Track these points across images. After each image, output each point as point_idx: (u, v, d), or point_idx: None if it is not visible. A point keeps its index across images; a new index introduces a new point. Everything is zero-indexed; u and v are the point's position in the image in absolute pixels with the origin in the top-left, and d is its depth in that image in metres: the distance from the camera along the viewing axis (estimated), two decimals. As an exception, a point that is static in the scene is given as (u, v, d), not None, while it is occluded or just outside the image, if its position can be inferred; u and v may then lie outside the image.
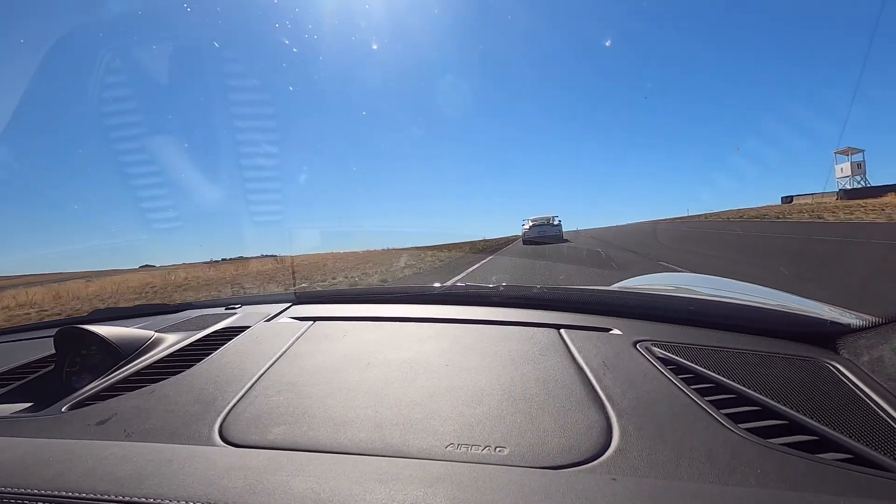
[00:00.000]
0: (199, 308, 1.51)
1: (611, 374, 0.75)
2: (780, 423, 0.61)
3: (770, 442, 0.57)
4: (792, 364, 0.77)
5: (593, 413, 0.64)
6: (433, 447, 0.59)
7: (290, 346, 0.98)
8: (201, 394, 0.79)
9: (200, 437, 0.65)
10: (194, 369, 0.90)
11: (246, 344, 1.03)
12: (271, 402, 0.74)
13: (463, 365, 0.82)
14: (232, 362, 0.92)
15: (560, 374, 0.76)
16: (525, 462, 0.55)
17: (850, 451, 0.55)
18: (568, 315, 1.06)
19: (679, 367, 0.76)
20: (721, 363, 0.77)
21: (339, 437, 0.62)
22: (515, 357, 0.84)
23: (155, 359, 0.98)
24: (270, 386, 0.80)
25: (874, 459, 0.53)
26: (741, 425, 0.60)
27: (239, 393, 0.78)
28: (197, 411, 0.73)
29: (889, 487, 0.49)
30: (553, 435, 0.60)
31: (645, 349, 0.84)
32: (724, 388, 0.69)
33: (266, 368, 0.87)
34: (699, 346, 0.84)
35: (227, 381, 0.83)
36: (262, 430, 0.66)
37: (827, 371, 0.74)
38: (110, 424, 0.70)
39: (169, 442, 0.64)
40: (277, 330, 1.13)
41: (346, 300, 1.41)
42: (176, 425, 0.69)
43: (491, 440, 0.59)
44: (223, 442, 0.64)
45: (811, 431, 0.59)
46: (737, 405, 0.65)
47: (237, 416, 0.70)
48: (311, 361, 0.89)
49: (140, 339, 1.06)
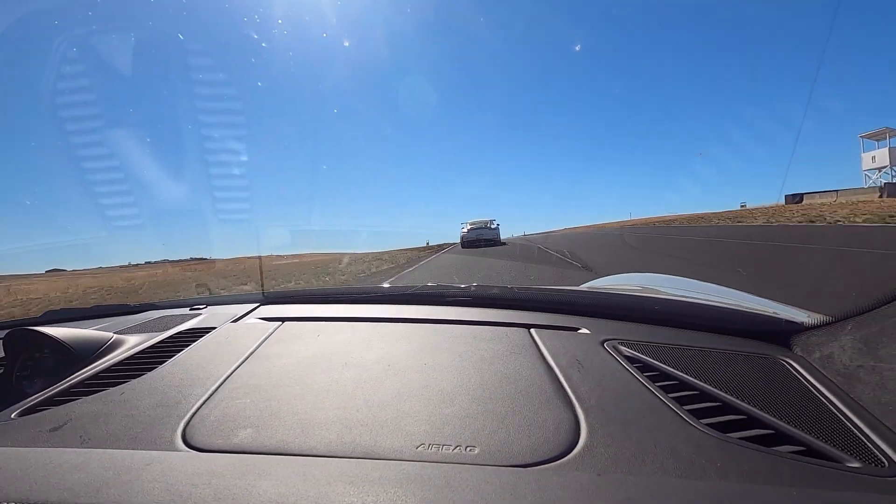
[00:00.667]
0: (162, 309, 1.46)
1: (579, 373, 0.76)
2: (739, 417, 0.64)
3: (729, 436, 0.59)
4: (750, 361, 0.80)
5: (562, 411, 0.65)
6: (404, 448, 0.58)
7: (257, 348, 0.96)
8: (164, 397, 0.76)
9: (163, 441, 0.63)
10: (156, 372, 0.87)
11: (211, 345, 1.00)
12: (238, 404, 0.72)
13: (434, 365, 0.82)
14: (196, 364, 0.89)
15: (530, 373, 0.77)
16: (495, 461, 0.55)
17: (803, 444, 0.58)
18: (538, 315, 1.08)
19: (645, 365, 0.79)
20: (684, 361, 0.79)
21: (307, 439, 0.61)
22: (486, 356, 0.85)
23: (114, 361, 0.94)
24: (237, 388, 0.77)
25: (825, 451, 0.56)
26: (703, 421, 0.62)
27: (204, 396, 0.75)
28: (159, 415, 0.70)
29: (838, 478, 0.52)
30: (523, 433, 0.60)
31: (612, 348, 0.86)
32: (687, 385, 0.72)
33: (232, 370, 0.85)
34: (664, 345, 0.87)
35: (191, 383, 0.80)
36: (228, 434, 0.64)
37: (782, 367, 0.78)
38: (65, 430, 0.67)
39: (129, 448, 0.61)
40: (245, 331, 1.10)
41: (316, 300, 1.38)
42: (136, 430, 0.66)
43: (461, 440, 0.59)
44: (187, 447, 0.62)
45: (767, 425, 0.62)
46: (699, 401, 0.67)
47: (202, 420, 0.68)
48: (280, 363, 0.87)
49: (98, 341, 1.01)
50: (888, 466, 0.53)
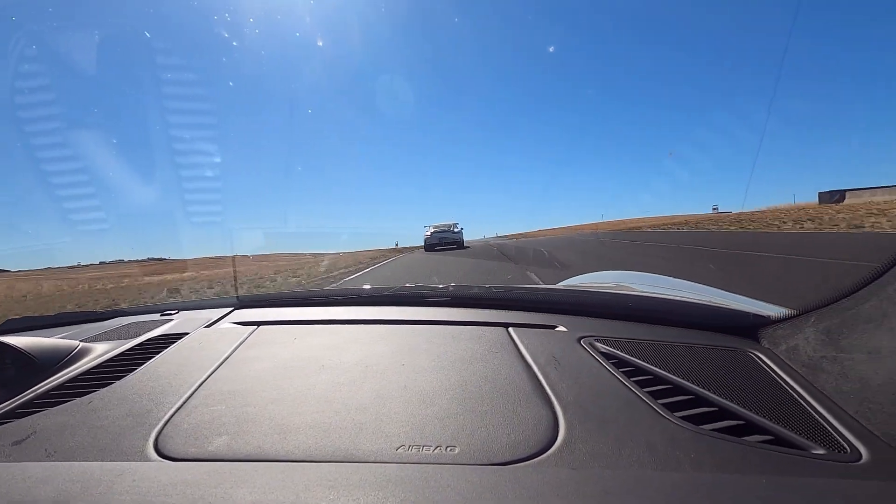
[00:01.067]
0: (131, 315, 1.41)
1: (557, 370, 0.77)
2: (710, 409, 0.66)
3: (702, 428, 0.61)
4: (720, 354, 0.83)
5: (540, 409, 0.66)
6: (383, 450, 0.58)
7: (232, 353, 0.94)
8: (134, 406, 0.73)
9: (134, 452, 0.61)
10: (126, 380, 0.84)
11: (184, 351, 0.98)
12: (212, 411, 0.70)
13: (413, 366, 0.82)
14: (168, 372, 0.86)
15: (508, 371, 0.78)
16: (475, 460, 0.55)
17: (772, 433, 0.60)
18: (516, 314, 1.09)
19: (620, 361, 0.80)
20: (658, 356, 0.81)
21: (285, 445, 0.60)
22: (465, 356, 0.85)
23: (80, 371, 0.91)
24: (211, 395, 0.76)
25: (792, 440, 0.59)
26: (676, 414, 0.64)
27: (177, 403, 0.73)
28: (129, 425, 0.68)
29: (804, 464, 0.54)
30: (502, 432, 0.61)
31: (588, 345, 0.87)
32: (661, 379, 0.74)
33: (206, 377, 0.82)
34: (638, 340, 0.89)
35: (162, 391, 0.78)
36: (202, 442, 0.62)
37: (750, 360, 0.80)
38: (28, 443, 0.64)
39: (98, 460, 0.59)
40: (218, 336, 1.07)
41: (293, 303, 1.36)
42: (105, 441, 0.64)
43: (441, 440, 0.59)
44: (159, 456, 0.60)
45: (738, 416, 0.64)
46: (672, 395, 0.69)
47: (174, 429, 0.66)
48: (256, 367, 0.85)
49: (63, 350, 0.97)
50: (850, 452, 0.56)
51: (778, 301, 0.99)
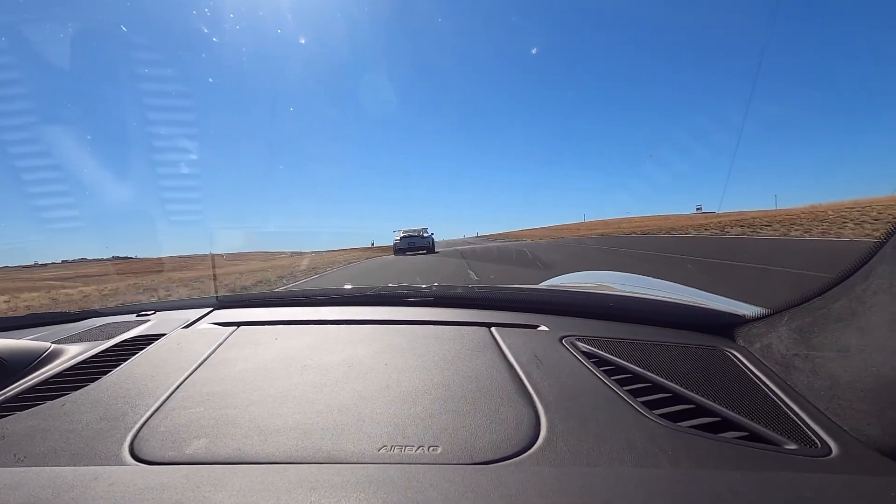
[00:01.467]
0: (105, 316, 1.37)
1: (539, 370, 0.78)
2: (688, 407, 0.67)
3: (680, 425, 0.62)
4: (697, 353, 0.85)
5: (522, 408, 0.66)
6: (366, 450, 0.58)
7: (211, 354, 0.92)
8: (109, 409, 0.71)
9: (108, 456, 0.59)
10: (100, 382, 0.82)
11: (161, 353, 0.95)
12: (191, 413, 0.69)
13: (396, 366, 0.81)
14: (145, 373, 0.84)
15: (491, 371, 0.78)
16: (457, 459, 0.55)
17: (746, 430, 0.62)
18: (498, 313, 1.10)
19: (601, 360, 0.82)
20: (637, 354, 0.83)
21: (266, 447, 0.59)
22: (448, 356, 0.85)
23: (52, 373, 0.88)
24: (190, 397, 0.74)
25: (766, 436, 0.60)
26: (655, 411, 0.65)
27: (153, 406, 0.71)
28: (104, 428, 0.66)
29: (777, 459, 0.56)
30: (484, 431, 0.61)
31: (570, 344, 0.88)
32: (641, 377, 0.75)
33: (185, 378, 0.81)
34: (618, 340, 0.90)
35: (139, 393, 0.76)
36: (181, 445, 0.61)
37: (727, 358, 0.82)
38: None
39: (70, 464, 0.57)
40: (197, 337, 1.05)
41: (273, 303, 1.34)
42: (79, 445, 0.62)
43: (424, 440, 0.59)
44: (135, 460, 0.58)
45: (714, 413, 0.65)
46: (651, 393, 0.71)
47: (151, 431, 0.64)
48: (235, 369, 0.84)
49: (33, 352, 0.94)
50: (820, 447, 0.58)
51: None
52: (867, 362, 0.57)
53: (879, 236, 0.61)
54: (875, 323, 0.58)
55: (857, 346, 0.60)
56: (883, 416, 0.55)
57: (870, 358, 0.57)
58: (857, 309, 0.62)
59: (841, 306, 0.65)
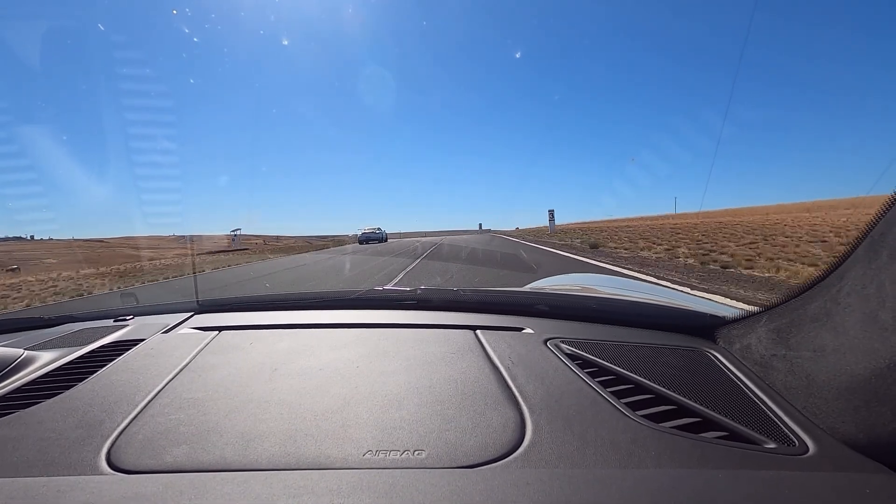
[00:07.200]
0: (81, 321, 1.33)
1: (524, 372, 0.78)
2: (670, 408, 0.68)
3: (662, 426, 0.63)
4: (680, 354, 0.86)
5: (508, 410, 0.66)
6: (350, 456, 0.57)
7: (192, 359, 0.90)
8: (85, 417, 0.69)
9: (84, 465, 0.58)
10: (75, 390, 0.79)
11: (140, 359, 0.93)
12: (170, 420, 0.67)
13: (380, 370, 0.81)
14: (122, 380, 0.82)
15: (476, 374, 0.78)
16: (443, 463, 0.55)
17: (727, 429, 0.63)
18: (483, 316, 1.10)
19: (585, 362, 0.82)
20: (621, 356, 0.84)
21: (248, 454, 0.58)
22: (433, 359, 0.85)
23: (25, 381, 0.85)
24: (169, 403, 0.72)
25: (746, 435, 0.62)
26: (638, 412, 0.66)
27: (132, 413, 0.70)
28: (79, 437, 0.64)
29: (757, 458, 0.57)
30: (470, 434, 0.61)
31: (554, 346, 0.89)
32: (624, 379, 0.76)
33: (164, 384, 0.79)
34: (602, 342, 0.91)
35: (116, 400, 0.74)
36: (160, 453, 0.59)
37: (707, 359, 0.84)
38: None
39: (44, 475, 0.56)
40: (177, 342, 1.03)
41: (256, 307, 1.32)
42: (53, 454, 0.60)
43: (409, 444, 0.59)
44: (112, 469, 0.57)
45: (696, 414, 0.66)
46: (635, 394, 0.71)
47: (129, 439, 0.63)
48: (217, 374, 0.82)
49: (4, 360, 0.90)
50: (798, 446, 0.59)
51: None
52: (841, 362, 0.59)
53: (853, 239, 0.63)
54: (849, 323, 0.59)
55: (831, 346, 0.62)
56: (857, 414, 0.57)
57: (844, 357, 0.59)
58: (831, 310, 0.63)
59: (817, 307, 0.66)
